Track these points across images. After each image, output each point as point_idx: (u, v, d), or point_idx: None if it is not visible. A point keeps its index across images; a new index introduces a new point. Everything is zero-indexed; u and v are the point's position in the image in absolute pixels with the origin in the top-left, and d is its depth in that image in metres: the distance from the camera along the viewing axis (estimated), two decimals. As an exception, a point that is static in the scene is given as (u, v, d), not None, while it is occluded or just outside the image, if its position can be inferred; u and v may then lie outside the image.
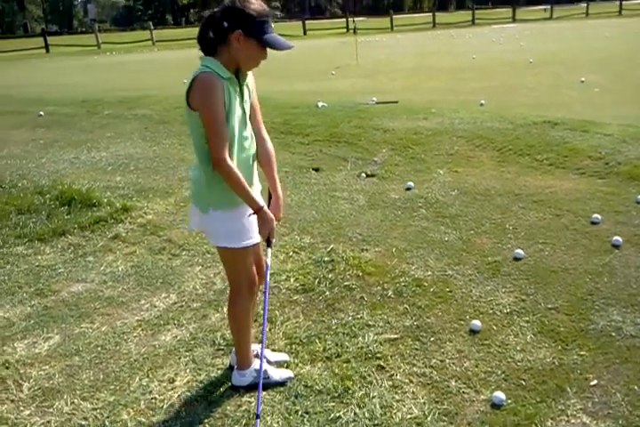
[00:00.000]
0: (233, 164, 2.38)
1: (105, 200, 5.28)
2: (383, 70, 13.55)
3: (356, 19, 33.41)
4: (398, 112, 7.68)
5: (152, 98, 10.19)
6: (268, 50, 2.42)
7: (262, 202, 2.52)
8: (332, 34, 33.97)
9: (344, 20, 38.12)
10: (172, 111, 8.86)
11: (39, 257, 4.42)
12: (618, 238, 3.98)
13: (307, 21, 37.88)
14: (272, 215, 2.53)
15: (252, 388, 2.76)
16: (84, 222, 4.90)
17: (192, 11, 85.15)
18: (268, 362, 2.88)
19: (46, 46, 31.73)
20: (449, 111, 7.54)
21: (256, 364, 2.78)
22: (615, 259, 3.81)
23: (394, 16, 38.67)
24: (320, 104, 8.37)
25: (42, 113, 9.47)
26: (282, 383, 2.81)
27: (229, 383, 2.83)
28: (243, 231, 2.54)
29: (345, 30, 35.53)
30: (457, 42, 24.08)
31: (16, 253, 4.50)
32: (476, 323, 3.17)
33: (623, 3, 42.15)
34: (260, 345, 2.81)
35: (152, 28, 35.12)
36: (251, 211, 2.50)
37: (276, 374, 2.83)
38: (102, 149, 7.32)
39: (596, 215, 4.35)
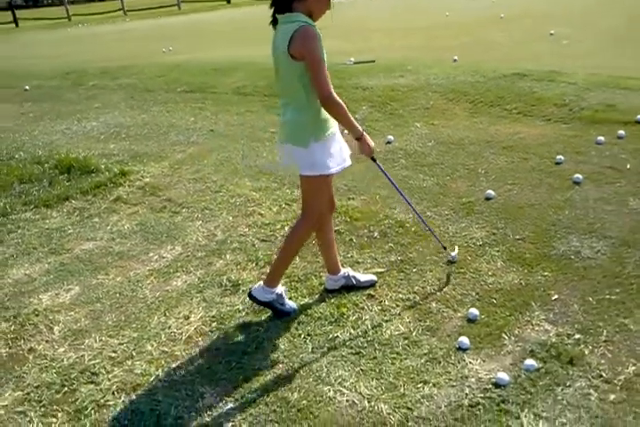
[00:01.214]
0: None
1: (102, 166, 5.59)
2: (358, 30, 13.66)
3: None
4: (375, 71, 7.97)
5: (134, 68, 10.36)
6: None
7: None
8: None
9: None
10: (155, 79, 9.08)
11: (47, 221, 4.73)
12: (578, 176, 4.39)
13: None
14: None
15: (262, 311, 3.18)
16: (86, 187, 5.20)
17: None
18: (358, 281, 3.36)
19: (15, 20, 31.18)
20: (424, 68, 7.84)
21: (279, 289, 3.16)
22: (576, 194, 4.23)
23: (366, -26, 38.23)
24: (299, 66, 8.60)
25: (27, 87, 9.63)
26: (288, 313, 3.19)
27: (239, 315, 3.21)
28: (336, 157, 2.93)
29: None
30: (430, -2, 24.02)
31: (25, 218, 4.80)
32: (454, 254, 3.56)
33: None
34: (348, 269, 3.41)
35: (122, -4, 34.45)
36: (338, 135, 2.93)
37: (288, 304, 3.21)
38: (92, 119, 7.57)
39: (559, 156, 4.76)
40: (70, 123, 7.53)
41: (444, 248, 3.54)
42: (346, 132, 2.96)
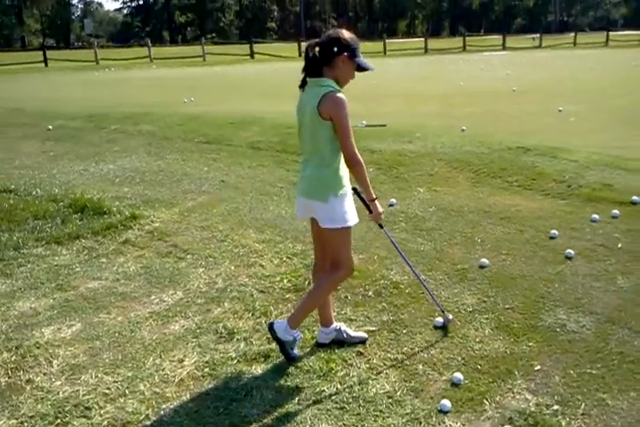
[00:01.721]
0: None
1: (115, 209, 5.79)
2: (374, 94, 14.15)
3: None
4: (385, 135, 8.29)
5: (155, 115, 10.77)
6: None
7: None
8: (326, 56, 34.67)
9: (338, 42, 38.95)
10: (174, 128, 9.43)
11: (57, 258, 4.88)
12: (570, 251, 4.56)
13: (302, 43, 38.70)
14: None
15: (255, 358, 3.30)
16: (97, 228, 5.38)
17: (189, 29, 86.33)
18: (349, 336, 3.49)
19: (45, 60, 32.30)
20: (432, 136, 8.15)
21: (297, 334, 3.30)
22: (567, 268, 4.38)
23: (387, 41, 39.69)
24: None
25: (50, 127, 10.02)
26: (292, 358, 3.31)
27: (232, 363, 3.32)
28: (352, 212, 3.17)
29: (339, 53, 36.29)
30: (447, 68, 24.91)
31: (35, 253, 4.96)
32: (439, 320, 3.69)
33: (610, 33, 43.47)
34: (341, 323, 3.56)
35: (150, 45, 35.85)
36: (350, 193, 3.17)
37: (295, 351, 3.33)
38: (109, 162, 7.86)
39: (554, 231, 4.94)
40: (88, 164, 7.82)
41: (442, 311, 3.67)
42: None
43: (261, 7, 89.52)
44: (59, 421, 2.86)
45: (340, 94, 3.02)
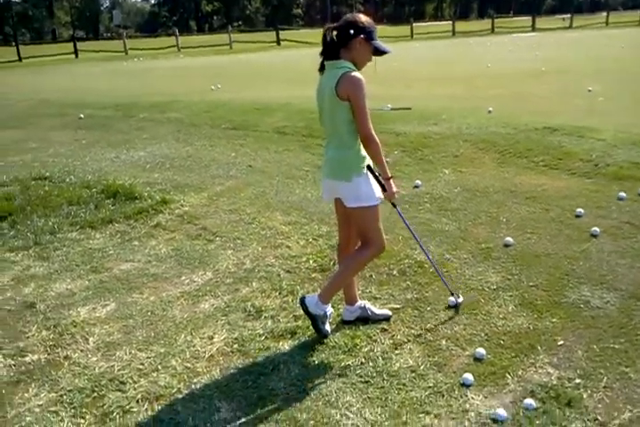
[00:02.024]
0: None
1: (146, 194, 5.93)
2: (398, 77, 14.05)
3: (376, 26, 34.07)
4: (411, 118, 8.29)
5: (182, 103, 10.91)
6: None
7: None
8: (352, 41, 34.48)
9: (365, 27, 38.72)
10: (201, 115, 9.54)
11: (91, 241, 5.03)
12: (596, 229, 4.56)
13: (328, 28, 38.46)
14: None
15: (282, 335, 3.39)
16: (129, 212, 5.53)
17: (215, 17, 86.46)
18: (373, 313, 3.56)
19: (76, 52, 32.79)
20: (458, 117, 8.13)
21: (329, 309, 3.37)
22: (592, 246, 4.38)
23: (414, 24, 39.28)
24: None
25: (82, 116, 10.24)
26: (323, 333, 3.38)
27: (260, 339, 3.43)
28: (376, 190, 3.24)
29: (365, 37, 36.06)
30: (474, 50, 24.58)
31: (70, 237, 5.11)
32: (452, 299, 3.68)
33: (644, 11, 42.31)
34: (365, 301, 3.63)
35: (177, 34, 36.06)
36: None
37: (327, 326, 3.40)
38: (140, 150, 8.02)
39: (579, 209, 4.93)
40: (119, 151, 8.00)
41: (452, 293, 3.69)
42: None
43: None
44: (95, 394, 3.00)
45: (357, 74, 3.06)
